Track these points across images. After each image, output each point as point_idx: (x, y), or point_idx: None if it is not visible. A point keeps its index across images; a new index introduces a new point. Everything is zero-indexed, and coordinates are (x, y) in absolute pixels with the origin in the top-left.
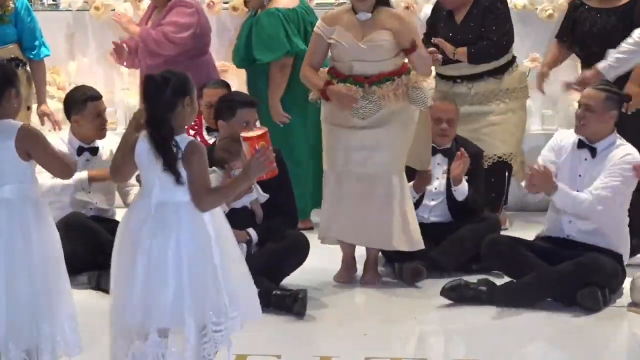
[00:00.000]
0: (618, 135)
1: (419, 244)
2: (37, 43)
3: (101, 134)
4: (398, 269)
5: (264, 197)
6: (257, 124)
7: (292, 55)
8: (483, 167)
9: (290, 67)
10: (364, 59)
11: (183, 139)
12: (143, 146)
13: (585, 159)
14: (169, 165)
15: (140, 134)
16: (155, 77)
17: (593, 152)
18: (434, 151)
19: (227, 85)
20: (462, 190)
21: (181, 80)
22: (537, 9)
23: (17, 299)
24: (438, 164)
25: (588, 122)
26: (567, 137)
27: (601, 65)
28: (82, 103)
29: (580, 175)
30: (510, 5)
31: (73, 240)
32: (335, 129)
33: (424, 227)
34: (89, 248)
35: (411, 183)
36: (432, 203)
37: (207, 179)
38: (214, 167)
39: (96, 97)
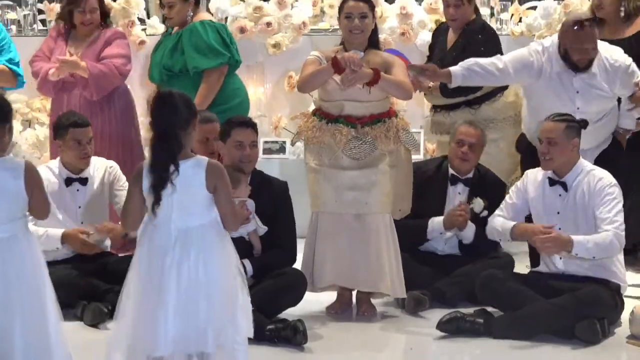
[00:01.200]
0: (583, 161)
1: (403, 292)
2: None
3: (82, 162)
4: (401, 297)
5: (263, 229)
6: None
7: (228, 64)
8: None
9: (223, 77)
10: (356, 99)
11: (200, 160)
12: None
13: (560, 195)
14: (158, 186)
15: (170, 169)
16: (172, 94)
17: (564, 186)
18: (455, 180)
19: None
20: (467, 235)
21: (192, 101)
22: (534, 35)
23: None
24: (459, 193)
25: (553, 155)
26: (536, 175)
27: (454, 68)
28: (65, 129)
29: (558, 213)
30: (507, 31)
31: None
32: (324, 169)
33: (438, 258)
34: (77, 298)
35: (440, 218)
36: (447, 234)
37: (232, 200)
38: None
39: (80, 124)
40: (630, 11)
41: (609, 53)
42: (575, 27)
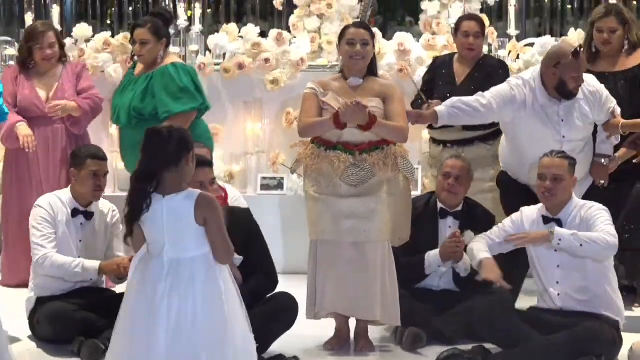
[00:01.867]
0: (574, 197)
1: (397, 320)
2: None
3: (95, 195)
4: (399, 333)
5: (238, 259)
6: (216, 184)
7: (198, 109)
8: None
9: (190, 122)
10: (354, 126)
11: (191, 193)
12: (150, 212)
13: None
14: (129, 219)
15: (144, 203)
16: (161, 130)
17: (559, 223)
18: (445, 214)
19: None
20: (463, 267)
21: (185, 135)
22: None
23: None
24: (449, 226)
25: (557, 192)
26: (532, 213)
27: (439, 108)
28: (83, 159)
29: (556, 250)
30: None
31: (58, 331)
32: (323, 198)
33: (433, 294)
34: (74, 333)
35: (436, 251)
36: (442, 269)
37: (225, 231)
38: None
39: (98, 156)
40: (635, 42)
41: (586, 80)
42: (574, 57)
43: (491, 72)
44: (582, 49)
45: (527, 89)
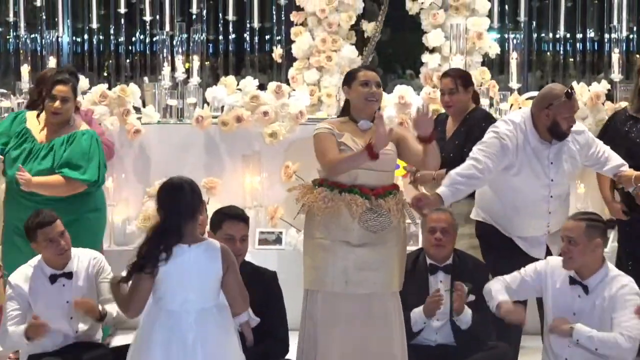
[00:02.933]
0: (609, 265)
1: None
2: None
3: (61, 258)
4: None
5: (255, 320)
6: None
7: (92, 183)
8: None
9: (79, 191)
10: (370, 168)
11: (212, 243)
12: (173, 264)
13: (579, 296)
14: (137, 270)
15: (161, 257)
16: (180, 184)
17: (586, 289)
18: (435, 269)
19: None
20: (465, 319)
21: (196, 186)
22: None
23: None
24: (440, 281)
25: (573, 255)
26: (558, 266)
27: (441, 189)
28: (34, 232)
29: (574, 314)
30: None
31: None
32: (333, 246)
33: (430, 350)
34: None
35: (420, 308)
36: (438, 324)
37: (240, 281)
38: None
39: (45, 223)
40: None
41: None
42: (568, 98)
43: (473, 126)
44: (573, 91)
45: (519, 132)
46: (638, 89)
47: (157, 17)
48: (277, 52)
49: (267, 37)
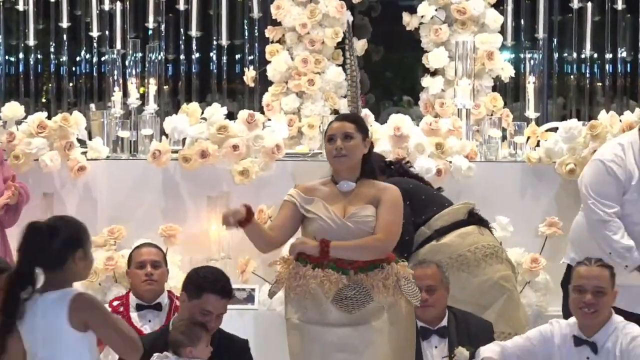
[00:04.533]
0: (614, 315)
1: None
2: None
3: None
4: None
5: None
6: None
7: None
8: None
9: None
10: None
11: (65, 293)
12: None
13: (588, 358)
14: (2, 333)
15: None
16: (41, 226)
17: (594, 347)
18: (427, 333)
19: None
20: None
21: (74, 230)
22: (555, 162)
23: None
24: (435, 347)
25: (600, 307)
26: (562, 328)
27: None
28: None
29: None
30: (522, 157)
31: None
32: (309, 327)
33: None
34: None
35: None
36: None
37: (127, 329)
38: (165, 353)
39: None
40: None
41: None
42: None
43: None
44: None
45: (630, 154)
46: None
47: (107, 32)
48: (250, 75)
49: (238, 56)
